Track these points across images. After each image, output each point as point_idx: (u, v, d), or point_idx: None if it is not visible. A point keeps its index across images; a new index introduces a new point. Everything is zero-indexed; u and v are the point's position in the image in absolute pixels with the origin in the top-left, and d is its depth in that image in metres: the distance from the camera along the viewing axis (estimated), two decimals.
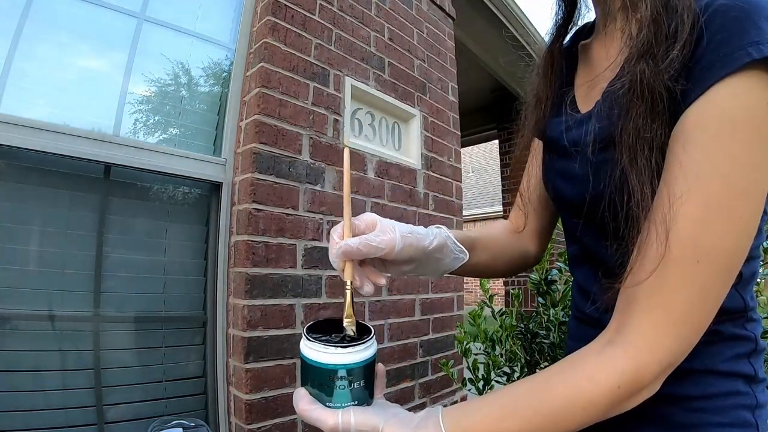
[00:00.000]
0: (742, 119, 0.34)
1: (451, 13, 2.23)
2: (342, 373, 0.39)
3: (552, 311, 1.17)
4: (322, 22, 1.47)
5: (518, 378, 1.29)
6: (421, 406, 1.68)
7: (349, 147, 0.48)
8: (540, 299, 1.27)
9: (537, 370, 1.27)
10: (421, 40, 1.95)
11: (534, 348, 1.26)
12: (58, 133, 1.03)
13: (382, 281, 0.48)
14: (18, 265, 1.01)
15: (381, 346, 1.53)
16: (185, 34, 1.35)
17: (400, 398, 1.57)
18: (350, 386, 0.40)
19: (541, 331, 1.23)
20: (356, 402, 0.40)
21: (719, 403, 0.44)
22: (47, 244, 1.06)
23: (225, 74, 1.41)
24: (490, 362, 1.25)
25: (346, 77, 1.53)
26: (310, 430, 1.22)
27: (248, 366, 1.12)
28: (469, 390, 1.30)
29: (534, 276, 1.29)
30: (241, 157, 1.29)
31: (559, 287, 1.20)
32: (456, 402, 1.85)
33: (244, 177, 1.24)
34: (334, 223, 1.39)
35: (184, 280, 1.26)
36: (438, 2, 2.11)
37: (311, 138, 1.37)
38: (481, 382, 1.26)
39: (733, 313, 0.45)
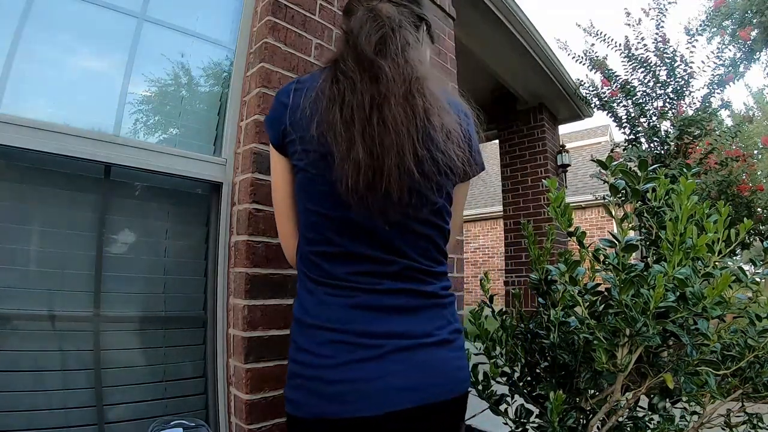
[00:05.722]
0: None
1: (451, 13, 2.22)
2: None
3: (552, 311, 1.16)
4: (322, 22, 1.47)
5: (518, 378, 1.29)
6: None
7: None
8: (540, 299, 1.27)
9: (537, 371, 1.27)
10: None
11: (534, 348, 1.26)
12: (58, 133, 1.03)
13: None
14: (18, 265, 1.01)
15: None
16: (185, 34, 1.35)
17: None
18: None
19: (541, 331, 1.22)
20: None
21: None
22: (47, 244, 1.06)
23: (225, 74, 1.41)
24: (490, 364, 1.25)
25: None
26: None
27: (248, 366, 1.12)
28: (469, 390, 1.29)
29: (534, 276, 1.29)
30: (241, 157, 1.29)
31: (559, 287, 1.20)
32: None
33: (245, 177, 1.24)
34: None
35: (184, 280, 1.26)
36: (438, 2, 2.11)
37: None
38: (480, 386, 1.26)
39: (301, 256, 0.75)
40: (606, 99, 4.02)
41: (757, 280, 1.06)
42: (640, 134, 3.86)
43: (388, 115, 0.64)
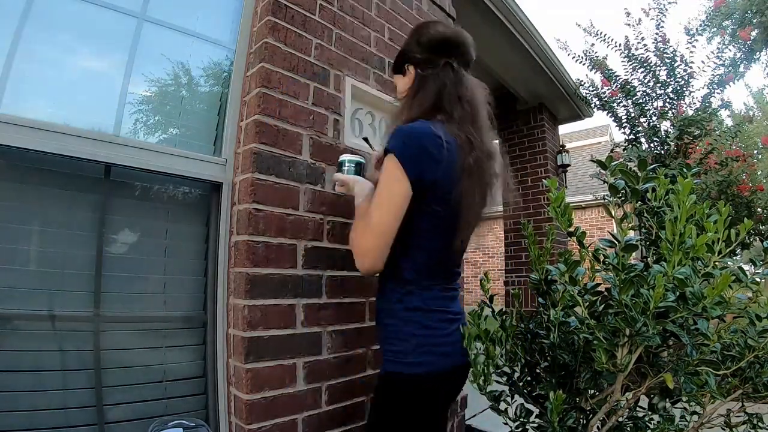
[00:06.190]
0: (385, 170, 0.96)
1: (451, 13, 2.23)
2: (345, 162, 1.16)
3: (552, 311, 1.16)
4: (322, 22, 1.47)
5: (518, 378, 1.29)
6: None
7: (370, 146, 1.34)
8: (540, 299, 1.27)
9: (537, 371, 1.27)
10: None
11: (534, 348, 1.26)
12: (58, 133, 1.03)
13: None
14: (18, 265, 1.01)
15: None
16: (185, 34, 1.35)
17: None
18: (352, 171, 1.15)
19: (541, 331, 1.22)
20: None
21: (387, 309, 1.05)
22: (47, 244, 1.06)
23: (225, 74, 1.41)
24: (488, 361, 1.25)
25: (347, 77, 1.53)
26: (310, 431, 1.22)
27: (248, 366, 1.12)
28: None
29: (534, 276, 1.28)
30: (241, 157, 1.29)
31: (559, 287, 1.20)
32: (456, 401, 1.85)
33: (245, 177, 1.24)
34: (334, 223, 1.39)
35: (184, 280, 1.26)
36: (438, 2, 2.11)
37: (311, 138, 1.37)
38: (482, 377, 1.25)
39: (396, 279, 1.02)
40: (606, 99, 4.02)
41: (757, 280, 1.06)
42: (640, 134, 3.85)
43: (489, 195, 1.06)
